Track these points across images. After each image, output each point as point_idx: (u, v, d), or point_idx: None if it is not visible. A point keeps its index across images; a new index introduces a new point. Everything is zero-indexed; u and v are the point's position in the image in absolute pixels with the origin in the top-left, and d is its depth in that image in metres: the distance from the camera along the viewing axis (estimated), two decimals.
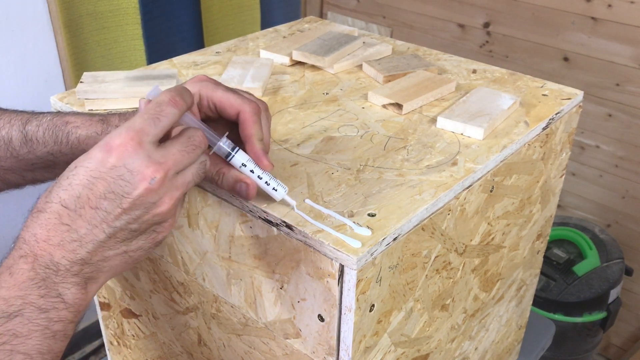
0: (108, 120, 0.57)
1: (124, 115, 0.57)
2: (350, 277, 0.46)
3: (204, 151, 0.47)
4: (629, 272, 1.60)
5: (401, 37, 1.86)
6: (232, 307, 0.60)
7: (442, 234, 0.56)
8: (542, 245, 0.85)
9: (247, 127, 0.50)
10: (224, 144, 0.49)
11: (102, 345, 1.77)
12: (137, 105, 0.67)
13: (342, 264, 0.46)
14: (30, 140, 0.56)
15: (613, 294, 1.56)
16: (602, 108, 1.58)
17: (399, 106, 0.68)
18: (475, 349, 0.78)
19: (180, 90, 0.46)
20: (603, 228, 1.66)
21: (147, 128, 0.44)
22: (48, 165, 0.58)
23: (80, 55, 1.41)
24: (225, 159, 0.50)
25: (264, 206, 0.51)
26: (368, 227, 0.48)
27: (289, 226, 0.49)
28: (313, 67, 0.80)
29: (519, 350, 0.99)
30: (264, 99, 0.71)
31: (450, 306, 0.64)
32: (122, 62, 1.48)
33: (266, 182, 0.50)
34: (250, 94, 0.53)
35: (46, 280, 0.43)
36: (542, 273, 1.53)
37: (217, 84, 0.51)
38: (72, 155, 0.56)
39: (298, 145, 0.61)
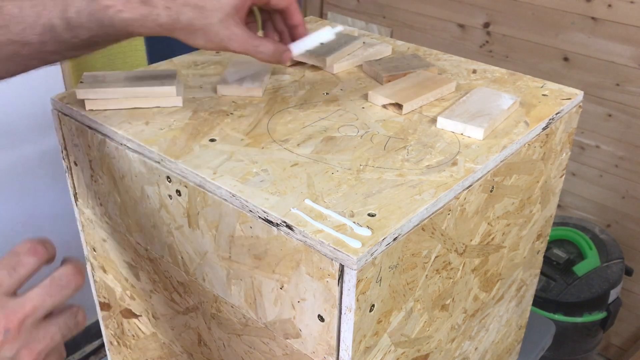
0: (150, 1, 0.55)
1: None
2: (350, 277, 0.46)
3: (73, 291, 0.44)
4: (629, 272, 1.60)
5: (401, 37, 1.86)
6: (232, 307, 0.60)
7: (442, 234, 0.56)
8: (542, 245, 0.85)
9: (295, 16, 0.62)
10: None
11: (102, 345, 1.77)
12: (137, 106, 0.67)
13: (342, 264, 0.46)
14: (74, 27, 0.55)
15: (613, 294, 1.56)
16: (602, 108, 1.58)
17: (399, 106, 0.68)
18: (475, 349, 0.78)
19: (42, 240, 0.44)
20: (603, 228, 1.66)
21: (1, 279, 0.41)
22: (92, 45, 0.58)
23: None
24: None
25: (264, 206, 0.51)
26: (368, 227, 0.48)
27: (289, 226, 0.49)
28: (313, 67, 0.80)
29: (519, 351, 0.99)
30: (264, 99, 0.71)
31: (450, 306, 0.64)
32: (122, 62, 1.48)
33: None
34: None
35: None
36: (542, 273, 1.53)
37: None
38: (117, 36, 0.57)
39: (298, 145, 0.61)
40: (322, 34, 0.66)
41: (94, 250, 0.77)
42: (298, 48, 0.64)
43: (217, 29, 0.56)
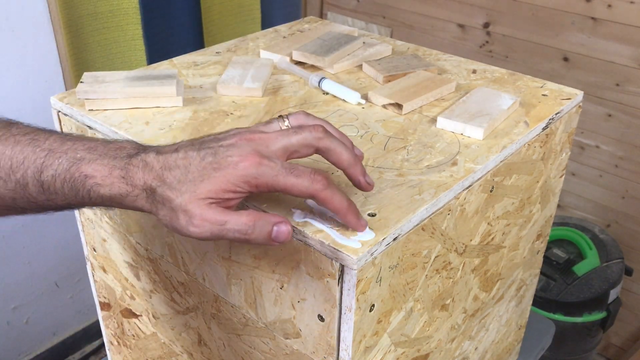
0: (131, 177, 0.47)
1: (147, 166, 0.47)
2: (350, 277, 0.46)
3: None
4: (629, 272, 1.60)
5: (401, 37, 1.86)
6: (232, 307, 0.60)
7: (442, 234, 0.56)
8: (542, 245, 0.85)
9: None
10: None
11: (102, 345, 1.77)
12: (136, 105, 0.67)
13: (342, 264, 0.46)
14: (48, 191, 0.50)
15: (613, 294, 1.56)
16: (602, 108, 1.58)
17: (399, 106, 0.68)
18: (475, 348, 0.78)
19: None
20: (603, 228, 1.66)
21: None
22: (68, 207, 0.53)
23: (80, 55, 1.41)
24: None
25: (264, 206, 0.51)
26: (368, 227, 0.48)
27: None
28: (313, 67, 0.80)
29: (519, 350, 0.99)
30: (264, 99, 0.71)
31: (450, 306, 0.64)
32: (122, 62, 1.48)
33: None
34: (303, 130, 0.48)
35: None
36: (542, 273, 1.53)
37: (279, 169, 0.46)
38: (94, 205, 0.51)
39: None
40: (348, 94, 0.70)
41: (94, 250, 0.77)
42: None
43: (193, 212, 0.45)
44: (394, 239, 0.49)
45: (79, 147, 0.49)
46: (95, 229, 0.74)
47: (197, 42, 1.59)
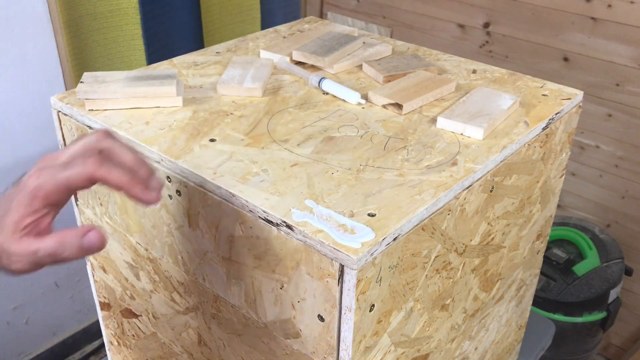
0: None
1: None
2: (350, 277, 0.46)
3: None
4: (628, 272, 1.60)
5: (401, 37, 1.86)
6: (232, 307, 0.60)
7: (442, 234, 0.56)
8: (542, 245, 0.85)
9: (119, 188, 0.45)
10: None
11: (102, 345, 1.77)
12: (137, 105, 0.67)
13: (342, 264, 0.46)
14: None
15: (613, 294, 1.56)
16: (602, 108, 1.58)
17: (399, 106, 0.68)
18: (475, 348, 0.78)
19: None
20: (603, 228, 1.66)
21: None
22: None
23: (80, 55, 1.41)
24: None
25: (264, 206, 0.51)
26: (368, 228, 0.48)
27: (289, 226, 0.49)
28: (313, 67, 0.80)
29: (518, 350, 0.99)
30: (264, 99, 0.71)
31: (450, 306, 0.64)
32: (122, 62, 1.48)
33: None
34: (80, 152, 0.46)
35: None
36: (542, 273, 1.53)
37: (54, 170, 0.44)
38: None
39: (298, 145, 0.61)
40: (347, 94, 0.70)
41: None
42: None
43: (10, 251, 0.44)
44: (394, 239, 0.49)
45: None
46: None
47: (197, 42, 1.59)
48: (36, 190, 0.43)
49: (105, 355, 0.91)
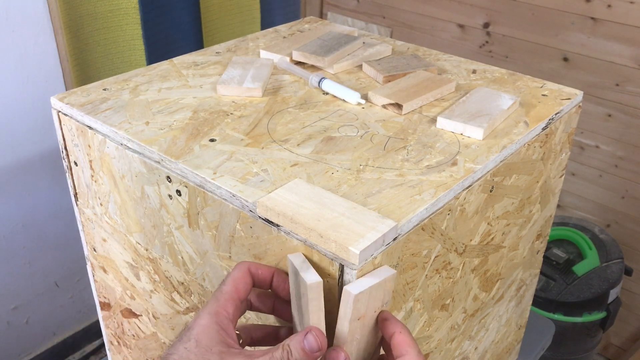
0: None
1: None
2: (350, 277, 0.46)
3: None
4: (628, 272, 1.60)
5: (401, 37, 1.86)
6: None
7: (442, 234, 0.56)
8: (541, 245, 0.85)
9: None
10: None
11: (102, 345, 1.77)
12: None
13: (342, 264, 0.46)
14: None
15: (613, 294, 1.56)
16: (601, 108, 1.58)
17: (399, 106, 0.68)
18: (475, 348, 0.78)
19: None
20: (603, 228, 1.67)
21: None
22: None
23: (80, 55, 1.41)
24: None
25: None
26: None
27: None
28: (313, 67, 0.80)
29: (518, 350, 0.99)
30: (264, 99, 0.71)
31: (450, 306, 0.64)
32: (122, 62, 1.48)
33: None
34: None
35: None
36: (542, 273, 1.53)
37: None
38: None
39: (298, 145, 0.61)
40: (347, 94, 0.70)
41: (94, 250, 0.77)
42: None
43: None
44: (394, 239, 0.49)
45: None
46: (95, 229, 0.74)
47: (197, 42, 1.59)
48: None
49: (105, 355, 0.91)
